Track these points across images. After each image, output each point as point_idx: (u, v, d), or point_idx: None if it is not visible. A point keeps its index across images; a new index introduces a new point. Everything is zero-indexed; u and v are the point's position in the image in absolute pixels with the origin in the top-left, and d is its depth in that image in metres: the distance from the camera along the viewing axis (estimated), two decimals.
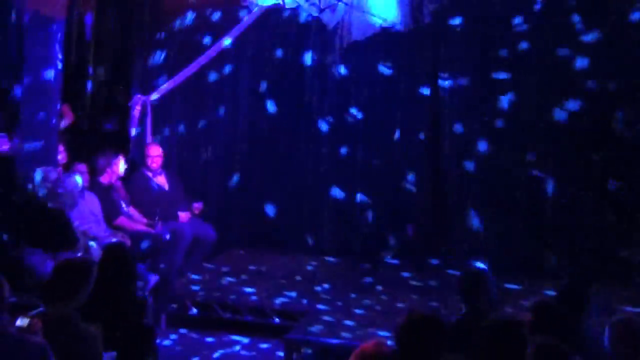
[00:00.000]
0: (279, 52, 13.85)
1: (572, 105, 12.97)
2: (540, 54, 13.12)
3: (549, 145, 13.15)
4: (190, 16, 13.28)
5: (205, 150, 14.05)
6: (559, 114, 13.03)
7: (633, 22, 12.47)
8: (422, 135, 13.66)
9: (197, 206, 12.69)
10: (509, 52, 13.23)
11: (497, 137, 13.39)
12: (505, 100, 13.28)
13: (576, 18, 12.90)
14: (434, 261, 13.28)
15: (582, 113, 12.91)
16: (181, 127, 13.98)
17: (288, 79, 13.91)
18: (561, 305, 7.21)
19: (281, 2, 11.24)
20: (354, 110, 13.77)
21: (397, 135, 13.70)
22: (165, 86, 13.36)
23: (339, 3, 10.07)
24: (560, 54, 13.05)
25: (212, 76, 13.82)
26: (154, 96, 13.25)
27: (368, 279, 12.68)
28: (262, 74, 13.91)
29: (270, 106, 13.98)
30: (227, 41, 13.06)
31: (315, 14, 10.87)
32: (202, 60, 13.18)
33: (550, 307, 6.87)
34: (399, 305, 11.06)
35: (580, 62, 12.94)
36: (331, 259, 13.68)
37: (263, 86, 13.99)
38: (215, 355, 10.45)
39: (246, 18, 12.71)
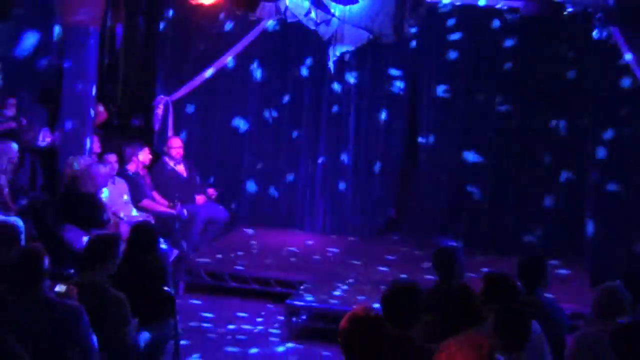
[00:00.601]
0: (282, 56, 13.89)
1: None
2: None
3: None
4: (206, 27, 13.26)
5: (218, 142, 14.03)
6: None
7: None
8: (401, 141, 13.82)
9: (212, 191, 12.73)
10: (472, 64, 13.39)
11: (460, 134, 13.52)
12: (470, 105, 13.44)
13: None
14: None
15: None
16: (196, 124, 14.01)
17: (291, 79, 13.93)
18: (519, 276, 7.27)
19: (283, 17, 11.26)
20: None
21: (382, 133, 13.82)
22: (183, 88, 13.42)
23: (333, 18, 10.06)
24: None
25: (224, 78, 13.83)
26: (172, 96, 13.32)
27: (359, 254, 12.73)
28: (268, 75, 13.90)
29: (277, 100, 14.00)
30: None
31: (312, 27, 10.87)
32: (216, 65, 13.23)
33: (500, 277, 6.91)
34: (382, 276, 11.11)
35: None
36: (336, 238, 13.71)
37: (270, 80, 14.01)
38: (225, 317, 10.51)
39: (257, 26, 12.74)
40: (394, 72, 13.58)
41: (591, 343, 6.06)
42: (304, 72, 13.83)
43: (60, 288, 6.10)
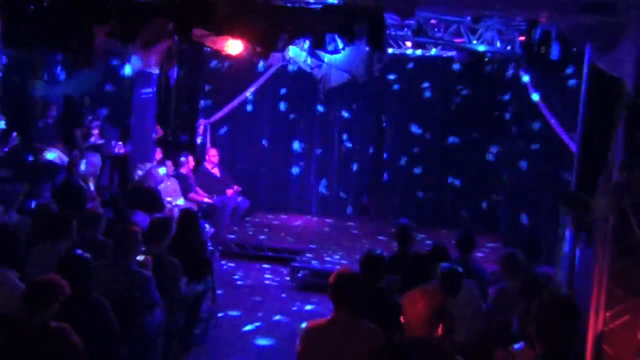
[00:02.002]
0: (288, 90, 13.94)
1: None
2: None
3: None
4: (233, 70, 13.32)
5: (242, 152, 14.10)
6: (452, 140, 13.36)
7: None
8: (371, 149, 13.84)
9: (237, 187, 12.71)
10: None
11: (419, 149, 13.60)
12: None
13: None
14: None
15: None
16: (227, 140, 14.08)
17: (293, 106, 14.00)
18: (456, 245, 7.31)
19: (288, 63, 11.28)
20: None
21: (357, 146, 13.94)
22: (217, 115, 13.51)
23: (323, 63, 10.06)
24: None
25: (247, 106, 13.92)
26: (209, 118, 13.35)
27: (342, 231, 12.78)
28: (277, 101, 13.97)
29: (284, 121, 14.07)
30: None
31: (309, 70, 10.88)
32: (239, 98, 13.29)
33: (441, 247, 6.96)
34: (359, 246, 11.13)
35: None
36: (327, 219, 13.67)
37: (279, 107, 14.05)
38: (248, 276, 10.55)
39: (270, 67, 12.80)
40: (367, 104, 13.72)
41: (504, 293, 6.10)
42: (302, 101, 13.88)
43: (140, 257, 6.11)
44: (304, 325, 4.38)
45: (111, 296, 5.23)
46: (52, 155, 10.31)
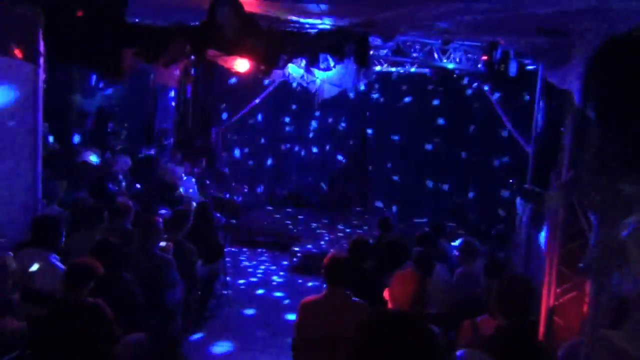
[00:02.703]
0: (286, 103, 13.89)
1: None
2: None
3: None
4: (241, 85, 13.31)
5: (249, 155, 14.10)
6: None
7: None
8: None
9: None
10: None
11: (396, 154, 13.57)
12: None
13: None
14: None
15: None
16: (236, 145, 14.06)
17: (291, 116, 13.97)
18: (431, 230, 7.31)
19: (287, 79, 11.29)
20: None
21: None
22: (228, 123, 13.48)
23: (317, 79, 10.05)
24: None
25: (255, 116, 13.89)
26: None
27: (336, 219, 12.77)
28: (278, 114, 13.95)
29: (284, 129, 14.03)
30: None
31: (305, 85, 10.87)
32: (245, 109, 13.28)
33: (424, 235, 6.95)
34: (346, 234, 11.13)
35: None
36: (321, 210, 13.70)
37: (281, 119, 13.97)
38: (254, 259, 10.51)
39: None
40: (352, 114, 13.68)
41: (466, 274, 6.10)
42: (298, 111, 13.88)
43: (162, 244, 6.09)
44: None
45: (138, 276, 5.22)
46: (88, 157, 10.25)
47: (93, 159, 9.71)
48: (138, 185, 9.75)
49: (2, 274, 4.36)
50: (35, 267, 4.89)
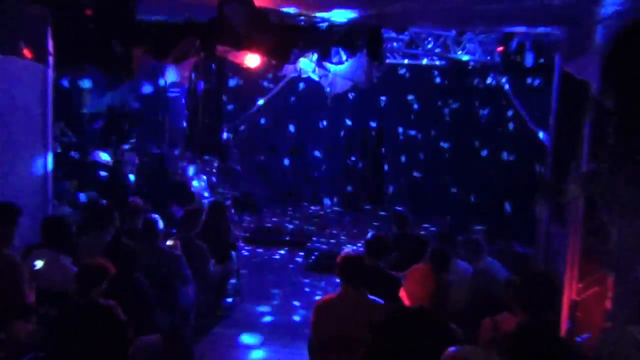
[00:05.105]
0: (296, 100, 13.92)
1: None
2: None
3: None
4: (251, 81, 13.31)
5: (260, 153, 14.14)
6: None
7: None
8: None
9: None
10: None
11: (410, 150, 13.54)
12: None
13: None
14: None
15: None
16: (246, 141, 14.10)
17: (302, 112, 13.96)
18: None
19: (299, 74, 11.25)
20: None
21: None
22: (238, 120, 13.52)
23: (329, 73, 10.01)
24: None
25: (264, 116, 13.91)
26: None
27: (352, 217, 12.75)
28: (286, 112, 13.94)
29: (291, 128, 14.05)
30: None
31: (317, 79, 10.82)
32: (254, 108, 13.33)
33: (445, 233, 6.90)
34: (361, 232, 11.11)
35: None
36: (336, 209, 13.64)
37: (293, 116, 14.02)
38: (267, 256, 10.53)
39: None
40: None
41: (485, 272, 6.05)
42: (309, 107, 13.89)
43: (169, 242, 6.12)
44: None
45: (150, 275, 5.23)
46: (99, 156, 10.29)
47: (104, 157, 9.75)
48: (148, 184, 9.79)
49: (18, 277, 4.40)
50: (39, 263, 4.93)
